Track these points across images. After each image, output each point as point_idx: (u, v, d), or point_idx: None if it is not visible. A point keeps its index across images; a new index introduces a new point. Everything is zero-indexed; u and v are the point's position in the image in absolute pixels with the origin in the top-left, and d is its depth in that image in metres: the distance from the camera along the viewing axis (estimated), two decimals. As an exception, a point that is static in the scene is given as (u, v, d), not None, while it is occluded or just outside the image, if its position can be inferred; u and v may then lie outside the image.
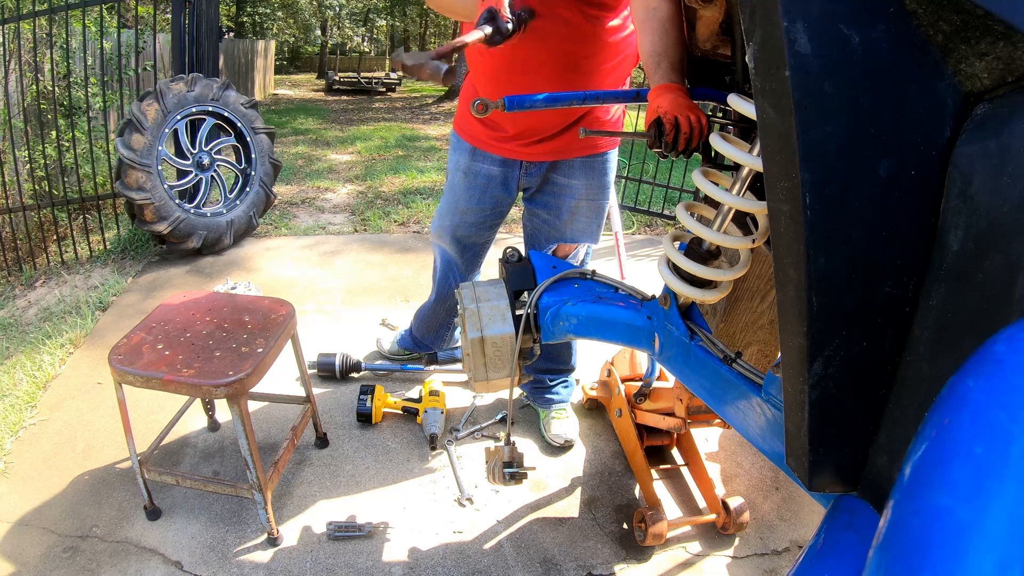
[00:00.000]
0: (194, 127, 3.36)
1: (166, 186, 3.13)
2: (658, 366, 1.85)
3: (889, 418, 0.67)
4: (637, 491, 1.88)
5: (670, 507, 1.82)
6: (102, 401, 2.15)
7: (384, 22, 25.86)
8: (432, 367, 2.37)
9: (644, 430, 1.90)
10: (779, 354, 0.82)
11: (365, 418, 2.07)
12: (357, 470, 1.90)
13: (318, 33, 24.66)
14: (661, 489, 1.88)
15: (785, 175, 0.61)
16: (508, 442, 1.50)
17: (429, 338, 2.34)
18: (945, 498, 0.40)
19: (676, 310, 1.20)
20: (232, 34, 15.66)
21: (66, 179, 3.68)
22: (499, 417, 2.14)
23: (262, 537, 1.64)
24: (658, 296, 1.25)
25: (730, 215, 1.11)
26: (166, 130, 3.11)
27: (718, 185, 1.13)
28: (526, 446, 2.03)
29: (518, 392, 2.20)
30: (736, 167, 1.09)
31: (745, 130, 1.19)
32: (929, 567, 0.39)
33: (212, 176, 3.46)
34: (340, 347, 2.41)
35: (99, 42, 3.68)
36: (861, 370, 0.66)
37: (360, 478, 1.87)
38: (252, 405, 2.11)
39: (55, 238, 3.53)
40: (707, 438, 2.14)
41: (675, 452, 1.99)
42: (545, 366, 2.08)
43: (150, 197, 3.03)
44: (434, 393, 2.11)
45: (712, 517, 1.73)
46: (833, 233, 0.60)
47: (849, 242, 0.61)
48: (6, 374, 2.27)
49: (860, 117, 0.58)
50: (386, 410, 2.12)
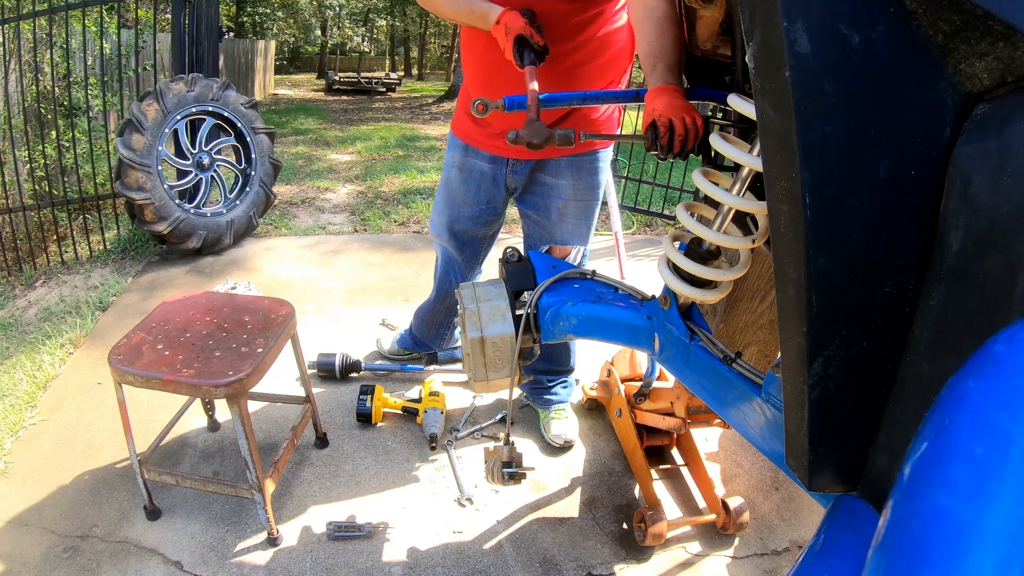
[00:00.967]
0: (194, 127, 3.36)
1: (166, 186, 3.13)
2: (658, 366, 1.85)
3: (889, 418, 0.67)
4: (637, 491, 1.88)
5: (670, 507, 1.82)
6: (102, 401, 2.15)
7: (384, 22, 25.86)
8: (432, 367, 2.37)
9: (644, 430, 1.90)
10: (779, 354, 0.82)
11: (365, 418, 2.07)
12: (357, 470, 1.90)
13: (318, 33, 24.67)
14: (661, 489, 1.88)
15: (785, 175, 0.61)
16: (507, 442, 1.50)
17: (429, 337, 2.34)
18: (945, 498, 0.40)
19: (676, 310, 1.19)
20: (232, 34, 15.66)
21: (66, 179, 3.68)
22: (499, 417, 2.14)
23: (262, 537, 1.64)
24: (658, 296, 1.25)
25: (730, 215, 1.11)
26: (166, 130, 3.11)
27: (718, 185, 1.13)
28: (526, 446, 2.03)
29: (517, 392, 2.20)
30: (736, 167, 1.09)
31: (745, 130, 1.19)
32: (929, 567, 0.39)
33: (212, 176, 3.46)
34: (340, 347, 2.41)
35: (99, 42, 3.68)
36: (861, 370, 0.66)
37: (360, 478, 1.87)
38: (252, 405, 2.11)
39: (55, 238, 3.53)
40: (707, 438, 2.14)
41: (675, 452, 1.99)
42: (544, 367, 2.08)
43: (150, 197, 3.03)
44: (434, 393, 2.11)
45: (712, 517, 1.73)
46: (833, 233, 0.60)
47: (849, 242, 0.61)
48: (6, 374, 2.27)
49: (860, 117, 0.58)
50: (386, 410, 2.12)
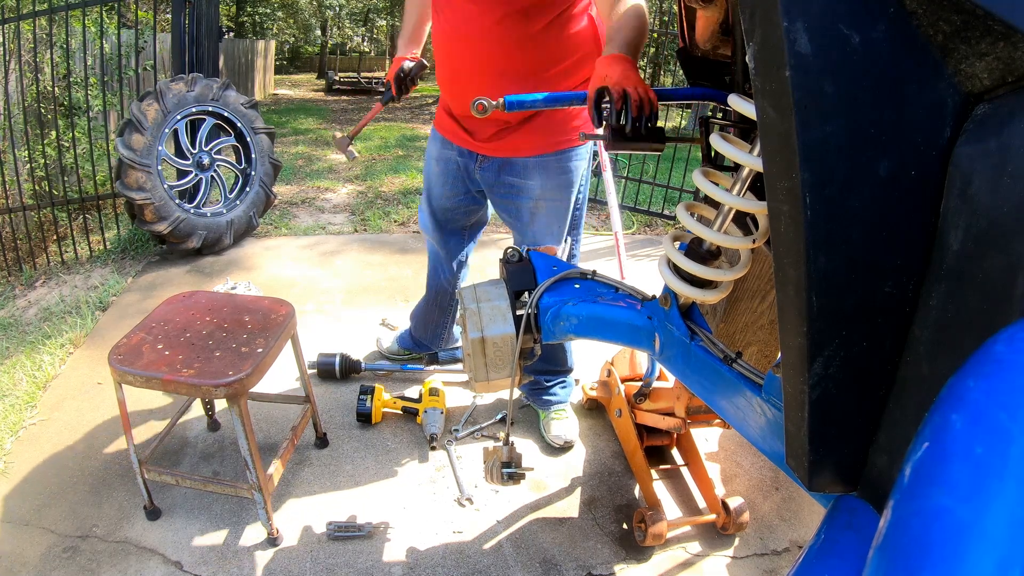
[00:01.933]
0: (194, 127, 3.36)
1: (166, 186, 3.13)
2: (658, 366, 1.85)
3: (889, 418, 0.67)
4: (637, 491, 1.88)
5: (670, 507, 1.82)
6: (102, 401, 2.15)
7: (384, 22, 25.84)
8: (432, 367, 2.37)
9: (644, 430, 1.90)
10: (779, 354, 0.82)
11: (365, 418, 2.07)
12: (357, 470, 1.90)
13: (318, 33, 24.65)
14: (661, 489, 1.88)
15: (785, 175, 0.61)
16: (507, 442, 1.50)
17: (427, 337, 2.34)
18: (945, 498, 0.40)
19: (676, 310, 1.19)
20: (232, 34, 15.66)
21: (66, 179, 3.68)
22: (499, 417, 2.14)
23: (262, 537, 1.64)
24: (658, 296, 1.25)
25: (730, 215, 1.11)
26: (166, 130, 3.11)
27: (718, 185, 1.13)
28: (526, 446, 2.03)
29: (517, 393, 2.20)
30: (736, 167, 1.09)
31: (745, 130, 1.19)
32: (929, 567, 0.39)
33: (212, 176, 3.46)
34: (340, 347, 2.41)
35: (99, 42, 3.68)
36: (861, 370, 0.66)
37: (360, 478, 1.87)
38: (252, 405, 2.11)
39: (55, 238, 3.53)
40: (707, 438, 2.14)
41: (675, 452, 1.99)
42: (542, 367, 2.07)
43: (150, 197, 3.03)
44: (434, 393, 2.11)
45: (712, 517, 1.73)
46: (833, 233, 0.60)
47: (849, 242, 0.61)
48: (6, 374, 2.27)
49: (860, 117, 0.58)
50: (386, 410, 2.12)
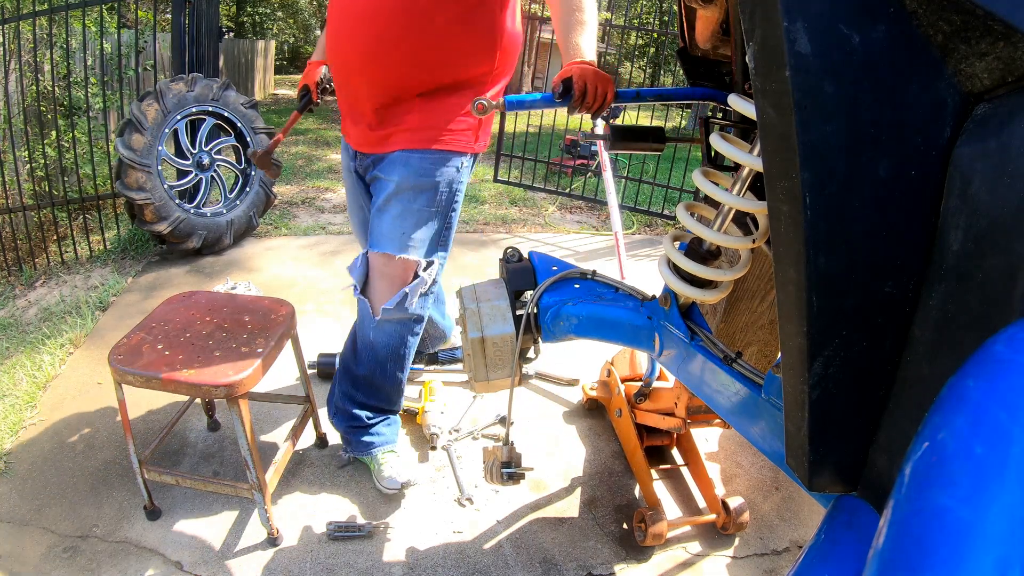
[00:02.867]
0: (194, 127, 3.36)
1: (166, 186, 3.13)
2: (658, 366, 1.85)
3: (889, 418, 0.67)
4: (637, 491, 1.88)
5: (670, 507, 1.82)
6: (102, 401, 2.15)
7: (384, 22, 25.82)
8: (432, 367, 2.37)
9: (644, 430, 1.90)
10: (779, 354, 0.82)
11: (365, 418, 2.07)
12: (357, 470, 1.90)
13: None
14: (661, 489, 1.88)
15: (785, 175, 0.61)
16: (507, 442, 1.50)
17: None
18: (945, 498, 0.40)
19: (676, 310, 1.20)
20: (232, 34, 15.65)
21: (66, 179, 3.68)
22: (499, 417, 2.14)
23: (262, 537, 1.64)
24: (658, 296, 1.25)
25: (730, 215, 1.11)
26: (166, 130, 3.11)
27: (718, 185, 1.13)
28: (525, 446, 2.03)
29: (518, 393, 2.20)
30: (736, 167, 1.09)
31: (745, 130, 1.19)
32: (929, 567, 0.39)
33: (212, 176, 3.46)
34: (340, 347, 2.41)
35: (99, 42, 3.68)
36: (861, 370, 0.66)
37: (360, 478, 1.87)
38: (252, 405, 2.11)
39: (55, 238, 3.53)
40: (707, 438, 2.14)
41: (675, 452, 1.99)
42: (364, 401, 1.80)
43: (150, 197, 3.03)
44: (434, 393, 2.11)
45: (712, 517, 1.73)
46: (833, 233, 0.60)
47: (849, 242, 0.61)
48: (6, 374, 2.27)
49: (860, 117, 0.58)
50: (386, 410, 2.12)
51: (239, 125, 3.46)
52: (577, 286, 1.37)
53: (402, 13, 1.42)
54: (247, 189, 3.55)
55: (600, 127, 2.57)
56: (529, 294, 1.37)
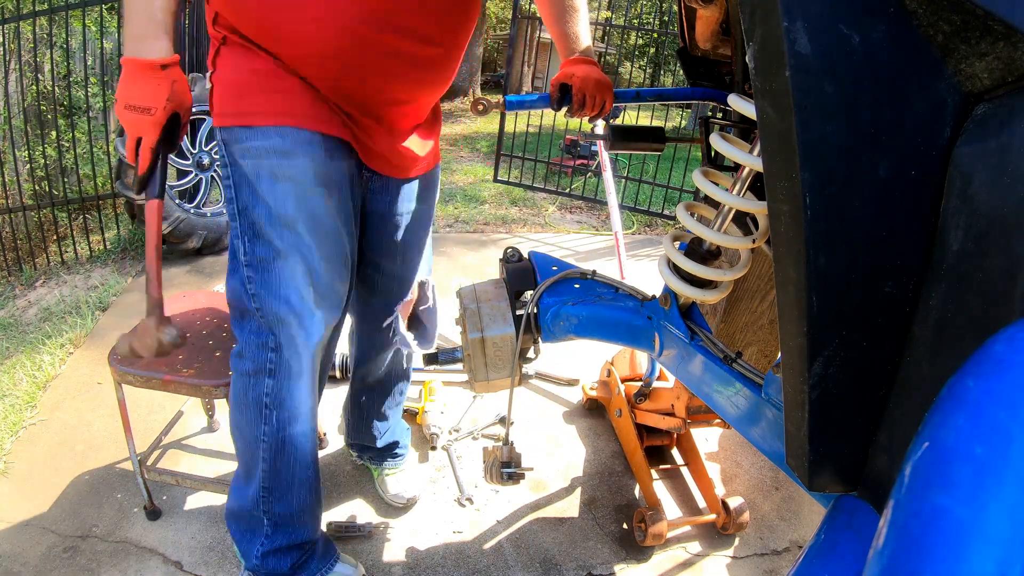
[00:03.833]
0: (194, 127, 3.36)
1: (166, 186, 3.13)
2: (658, 366, 1.85)
3: (889, 418, 0.67)
4: (637, 491, 1.88)
5: (670, 507, 1.82)
6: (102, 401, 2.15)
7: (384, 22, 25.79)
8: (432, 367, 2.37)
9: (644, 430, 1.90)
10: (779, 354, 0.82)
11: (365, 418, 2.07)
12: (357, 470, 1.90)
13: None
14: (661, 489, 1.88)
15: (785, 175, 0.61)
16: (506, 442, 1.50)
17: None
18: (945, 498, 0.40)
19: (676, 310, 1.20)
20: (232, 34, 15.60)
21: (66, 179, 3.69)
22: (499, 417, 2.14)
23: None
24: (658, 296, 1.25)
25: (730, 215, 1.11)
26: (166, 130, 3.11)
27: (718, 185, 1.13)
28: (525, 446, 2.03)
29: (519, 392, 2.19)
30: (736, 167, 1.09)
31: (745, 130, 1.19)
32: (929, 567, 0.39)
33: (212, 176, 3.46)
34: (340, 347, 2.40)
35: (99, 42, 3.68)
36: (861, 370, 0.66)
37: (360, 478, 1.87)
38: (252, 405, 2.11)
39: (55, 238, 3.54)
40: (707, 438, 2.14)
41: (675, 452, 1.99)
42: (383, 442, 1.75)
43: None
44: (434, 393, 2.11)
45: (712, 517, 1.73)
46: (833, 233, 0.60)
47: (849, 242, 0.61)
48: (6, 374, 2.27)
49: (860, 117, 0.58)
50: (386, 410, 2.12)
51: (239, 125, 3.45)
52: (577, 286, 1.37)
53: None
54: (247, 189, 3.55)
55: (600, 127, 2.57)
56: (529, 294, 1.37)
